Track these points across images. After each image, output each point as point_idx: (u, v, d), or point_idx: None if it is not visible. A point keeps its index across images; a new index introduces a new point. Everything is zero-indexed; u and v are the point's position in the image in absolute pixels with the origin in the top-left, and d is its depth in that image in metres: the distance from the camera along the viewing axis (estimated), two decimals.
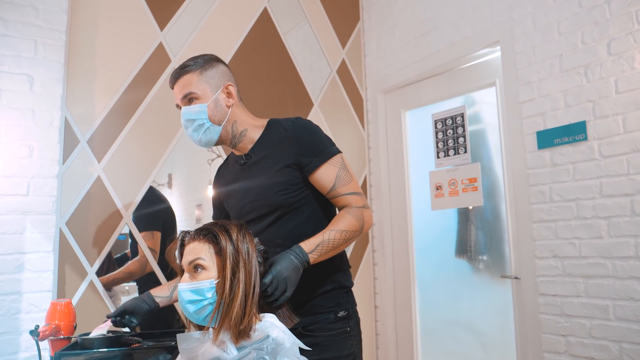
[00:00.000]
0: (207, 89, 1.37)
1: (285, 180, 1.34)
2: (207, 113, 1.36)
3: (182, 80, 1.38)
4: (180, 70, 1.38)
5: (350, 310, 1.38)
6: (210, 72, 1.39)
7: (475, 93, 2.48)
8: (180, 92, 1.37)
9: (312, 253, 1.21)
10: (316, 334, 1.31)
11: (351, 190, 1.35)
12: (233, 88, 1.41)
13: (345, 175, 1.35)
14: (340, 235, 1.27)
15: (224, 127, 1.40)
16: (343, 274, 1.41)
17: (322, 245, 1.23)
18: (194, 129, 1.38)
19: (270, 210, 1.36)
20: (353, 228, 1.30)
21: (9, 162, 1.88)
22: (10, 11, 1.93)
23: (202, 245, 1.05)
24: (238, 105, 1.43)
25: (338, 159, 1.36)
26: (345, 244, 1.29)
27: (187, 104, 1.38)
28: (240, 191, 1.44)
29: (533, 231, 2.04)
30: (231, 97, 1.41)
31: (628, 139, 1.75)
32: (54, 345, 1.43)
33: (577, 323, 1.87)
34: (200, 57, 1.41)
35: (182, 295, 1.04)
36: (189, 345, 1.02)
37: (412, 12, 2.75)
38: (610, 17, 1.81)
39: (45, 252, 1.90)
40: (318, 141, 1.37)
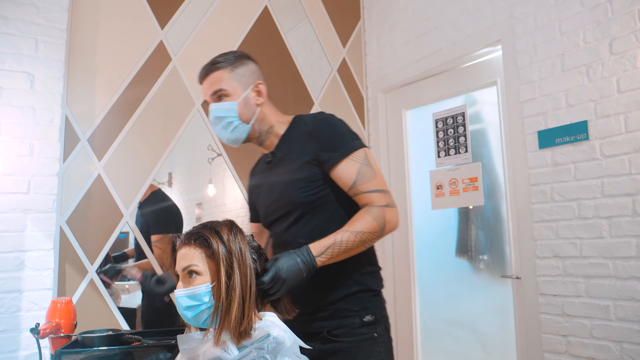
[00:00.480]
0: (237, 87, 1.35)
1: (305, 177, 1.30)
2: (237, 111, 1.34)
3: (212, 77, 1.35)
4: (210, 66, 1.36)
5: (378, 314, 1.30)
6: (241, 69, 1.36)
7: (476, 92, 2.47)
8: (210, 88, 1.35)
9: (321, 256, 1.17)
10: (341, 339, 1.26)
11: (374, 187, 1.26)
12: (263, 87, 1.39)
13: (368, 172, 1.27)
14: (355, 237, 1.20)
15: (252, 125, 1.38)
16: (370, 275, 1.34)
17: (333, 248, 1.18)
18: (223, 127, 1.36)
19: (291, 209, 1.32)
20: (371, 229, 1.22)
21: (10, 160, 1.88)
22: (11, 9, 1.93)
23: (194, 251, 1.03)
24: (267, 104, 1.41)
25: (361, 154, 1.29)
26: (361, 246, 1.23)
27: (217, 100, 1.35)
28: (266, 190, 1.42)
29: (534, 231, 2.04)
30: (261, 96, 1.39)
31: (630, 138, 1.74)
32: (55, 343, 1.43)
33: (577, 323, 1.87)
34: (230, 54, 1.38)
35: (179, 301, 1.03)
36: (190, 346, 1.02)
37: (413, 11, 2.75)
38: (612, 16, 1.81)
39: (45, 250, 1.90)
40: (339, 135, 1.31)
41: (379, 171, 1.30)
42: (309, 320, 1.30)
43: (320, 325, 1.28)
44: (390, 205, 1.27)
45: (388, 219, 1.25)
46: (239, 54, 1.40)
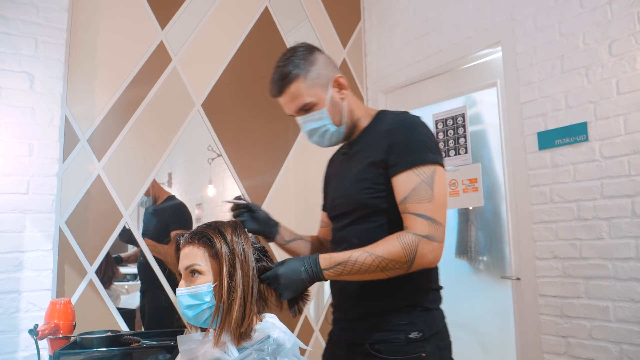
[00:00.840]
0: (319, 92, 1.23)
1: (371, 178, 1.21)
2: (329, 117, 1.25)
3: (290, 92, 1.23)
4: (282, 81, 1.22)
5: (427, 331, 1.17)
6: (314, 71, 1.23)
7: (476, 93, 2.47)
8: (293, 106, 1.25)
9: (329, 270, 1.09)
10: (384, 355, 1.16)
11: (422, 211, 1.11)
12: (342, 78, 1.27)
13: (425, 192, 1.12)
14: (373, 261, 1.09)
15: (345, 122, 1.29)
16: (423, 292, 1.21)
17: (344, 265, 1.09)
18: (320, 136, 1.28)
19: (353, 208, 1.25)
20: (395, 257, 1.09)
21: (9, 160, 1.87)
22: (11, 9, 1.93)
23: (197, 250, 1.03)
24: (349, 94, 1.30)
25: (427, 171, 1.14)
26: (379, 272, 1.10)
27: (303, 113, 1.25)
28: (336, 182, 1.37)
29: (533, 232, 2.04)
30: (343, 88, 1.28)
31: (629, 140, 1.75)
32: (53, 344, 1.43)
33: (577, 324, 1.87)
34: (294, 56, 1.23)
35: (180, 300, 1.03)
36: (190, 347, 1.02)
37: (413, 12, 2.75)
38: (611, 18, 1.81)
39: (44, 251, 1.90)
40: (414, 142, 1.17)
41: (440, 197, 1.14)
42: (351, 329, 1.25)
43: (362, 336, 1.20)
44: (432, 238, 1.11)
45: (421, 251, 1.09)
46: (303, 52, 1.25)
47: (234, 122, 2.53)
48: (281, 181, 2.64)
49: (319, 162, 2.78)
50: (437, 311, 1.24)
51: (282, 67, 1.23)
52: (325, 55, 1.29)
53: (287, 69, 1.22)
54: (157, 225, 2.26)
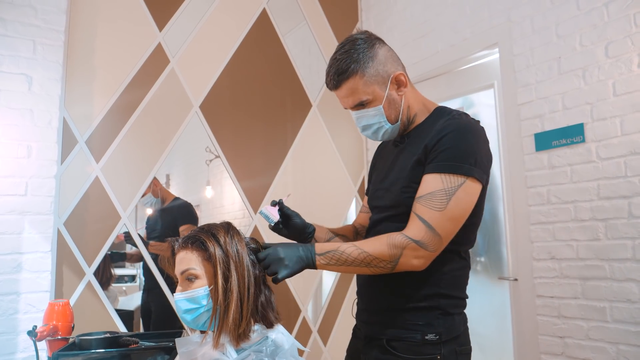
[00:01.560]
0: (376, 89, 1.19)
1: (412, 177, 1.18)
2: (384, 115, 1.21)
3: (346, 87, 1.19)
4: (339, 76, 1.19)
5: (445, 335, 1.15)
6: (373, 66, 1.18)
7: (473, 95, 2.48)
8: (350, 101, 1.22)
9: (321, 256, 1.10)
10: (399, 353, 1.15)
11: (427, 217, 1.09)
12: (403, 76, 1.22)
13: (441, 200, 1.09)
14: (358, 255, 1.09)
15: (401, 119, 1.24)
16: (448, 299, 1.19)
17: (332, 255, 1.10)
18: (373, 132, 1.25)
19: (392, 205, 1.22)
20: (378, 255, 1.09)
21: (7, 162, 1.87)
22: (9, 11, 1.93)
23: (191, 254, 1.04)
24: (409, 89, 1.25)
25: (456, 181, 1.10)
26: (364, 267, 1.10)
27: (359, 108, 1.22)
28: (381, 174, 1.34)
29: (531, 233, 2.05)
30: (403, 86, 1.23)
31: (626, 141, 1.75)
32: (52, 345, 1.43)
33: (574, 325, 1.88)
34: (353, 49, 1.18)
35: (178, 305, 1.03)
36: (188, 349, 1.02)
37: (411, 14, 2.76)
38: (608, 19, 1.82)
39: (43, 253, 1.90)
40: (457, 149, 1.12)
41: (454, 210, 1.09)
42: (371, 322, 1.25)
43: (381, 331, 1.19)
44: (423, 245, 1.08)
45: (407, 255, 1.08)
46: (363, 46, 1.19)
47: (232, 124, 2.53)
48: (279, 182, 2.64)
49: (317, 164, 2.79)
50: (459, 316, 1.22)
51: (340, 61, 1.18)
52: (386, 48, 1.23)
53: (344, 64, 1.17)
54: (165, 225, 2.32)
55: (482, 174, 1.13)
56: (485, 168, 1.15)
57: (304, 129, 2.78)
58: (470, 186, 1.11)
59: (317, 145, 2.84)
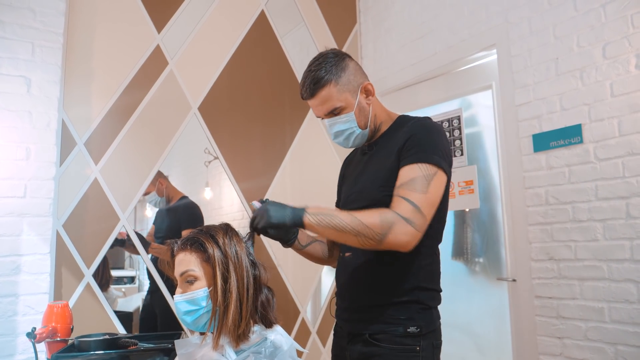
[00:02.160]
0: (348, 97, 1.29)
1: (387, 177, 1.26)
2: (356, 121, 1.31)
3: (320, 96, 1.28)
4: (314, 85, 1.28)
5: (424, 328, 1.23)
6: (345, 76, 1.29)
7: (471, 96, 2.49)
8: (322, 108, 1.30)
9: (311, 216, 1.13)
10: (382, 344, 1.23)
11: (412, 198, 1.15)
12: (370, 86, 1.33)
13: (421, 185, 1.17)
14: (351, 222, 1.12)
15: (369, 126, 1.35)
16: (426, 292, 1.27)
17: (324, 216, 1.14)
18: (345, 138, 1.34)
19: (368, 204, 1.25)
20: (370, 225, 1.12)
21: (6, 164, 1.88)
22: (8, 13, 1.94)
23: (190, 256, 1.04)
24: (374, 100, 1.36)
25: (430, 170, 1.19)
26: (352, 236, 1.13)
27: (332, 115, 1.31)
28: (353, 179, 1.42)
29: (529, 234, 2.05)
30: (371, 95, 1.34)
31: (623, 142, 1.76)
32: (51, 347, 1.43)
33: (572, 325, 1.88)
34: (326, 62, 1.28)
35: (178, 307, 1.03)
36: (188, 350, 1.02)
37: (409, 15, 2.76)
38: (605, 20, 1.83)
39: (42, 255, 1.90)
40: (427, 143, 1.23)
41: (433, 195, 1.18)
42: (353, 320, 1.31)
43: (364, 327, 1.26)
44: (411, 222, 1.13)
45: (395, 230, 1.12)
46: (336, 59, 1.30)
47: (230, 125, 2.54)
48: (278, 184, 2.64)
49: (316, 165, 2.80)
50: (435, 310, 1.30)
51: (315, 72, 1.28)
52: (354, 62, 1.34)
53: (319, 74, 1.27)
54: (170, 225, 2.31)
55: (448, 168, 1.24)
56: (449, 162, 1.25)
57: (303, 131, 2.79)
58: (441, 176, 1.21)
59: (316, 146, 2.84)
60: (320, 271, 2.74)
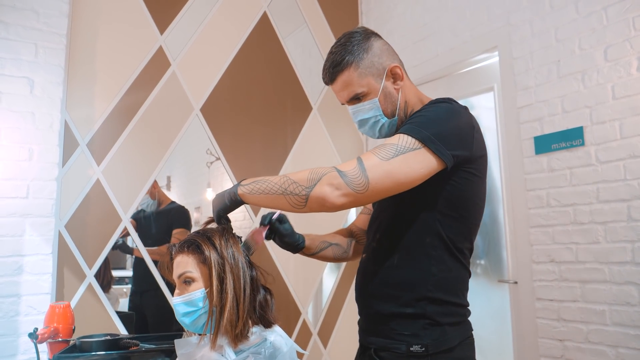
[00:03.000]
0: (371, 81, 1.16)
1: None
2: (381, 108, 1.18)
3: (341, 80, 1.18)
4: (333, 68, 1.17)
5: (432, 348, 1.07)
6: (367, 59, 1.16)
7: (473, 98, 2.49)
8: (345, 94, 1.20)
9: (243, 186, 1.08)
10: None
11: (364, 158, 1.02)
12: (398, 69, 1.19)
13: (386, 152, 1.02)
14: (279, 180, 1.03)
15: (398, 114, 1.20)
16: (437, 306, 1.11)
17: (255, 183, 1.06)
18: (370, 127, 1.22)
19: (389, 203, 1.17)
20: (297, 180, 1.01)
21: (9, 164, 1.88)
22: (11, 14, 1.95)
23: (188, 258, 1.05)
24: (406, 84, 1.22)
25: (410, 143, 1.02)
26: (280, 196, 1.02)
27: (355, 102, 1.20)
28: None
29: (530, 236, 2.05)
30: (399, 79, 1.20)
31: (625, 144, 1.76)
32: (53, 347, 1.43)
33: (574, 328, 1.88)
34: (349, 42, 1.17)
35: (176, 308, 1.04)
36: (188, 350, 1.03)
37: (411, 17, 2.76)
38: (607, 23, 1.83)
39: (44, 255, 1.91)
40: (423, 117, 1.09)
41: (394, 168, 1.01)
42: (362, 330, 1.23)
43: (371, 340, 1.16)
44: (345, 176, 0.99)
45: (324, 180, 0.99)
46: (358, 39, 1.17)
47: (232, 127, 2.54)
48: None
49: (318, 166, 2.79)
50: (452, 327, 1.12)
51: (335, 54, 1.17)
52: (382, 42, 1.21)
53: (339, 57, 1.16)
54: (160, 229, 2.31)
55: (444, 151, 1.03)
56: (452, 146, 1.05)
57: (305, 132, 2.79)
58: (424, 155, 1.02)
59: (318, 148, 2.85)
60: (322, 272, 2.74)
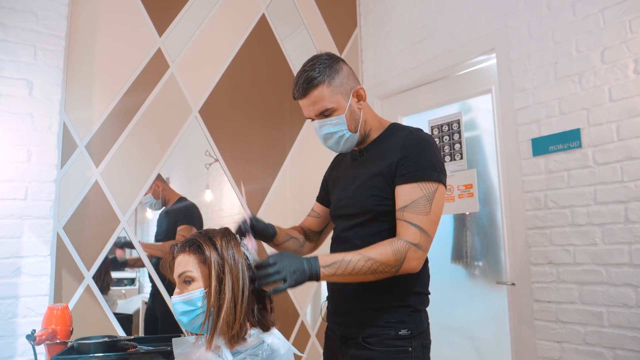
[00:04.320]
0: (340, 99, 1.30)
1: (380, 186, 1.30)
2: (346, 123, 1.31)
3: (313, 96, 1.29)
4: (307, 84, 1.28)
5: (415, 330, 1.28)
6: (338, 79, 1.30)
7: (471, 100, 2.50)
8: (315, 109, 1.31)
9: (326, 268, 1.15)
10: (374, 347, 1.26)
11: (417, 222, 1.21)
12: (363, 90, 1.34)
13: (424, 206, 1.22)
14: (365, 263, 1.16)
15: (359, 130, 1.36)
16: (416, 296, 1.31)
17: (338, 265, 1.15)
18: (335, 142, 1.35)
19: (359, 212, 1.33)
20: (385, 261, 1.17)
21: (7, 166, 1.89)
22: (10, 17, 1.95)
23: (189, 257, 1.06)
24: (365, 105, 1.38)
25: (431, 188, 1.23)
26: (370, 275, 1.18)
27: (322, 117, 1.32)
28: (343, 184, 1.44)
29: (528, 237, 2.06)
30: (362, 100, 1.35)
31: (622, 146, 1.77)
32: (51, 349, 1.43)
33: (571, 329, 1.88)
34: (320, 63, 1.30)
35: (175, 307, 1.05)
36: (184, 350, 1.03)
37: (409, 19, 2.77)
38: (604, 26, 1.84)
39: (42, 257, 1.91)
40: (423, 160, 1.26)
41: (435, 213, 1.24)
42: (346, 323, 1.34)
43: (357, 331, 1.29)
44: (420, 247, 1.20)
45: (409, 257, 1.19)
46: (330, 61, 1.31)
47: (231, 128, 2.55)
48: (278, 186, 2.65)
49: (316, 168, 2.80)
50: (424, 313, 1.34)
51: (309, 72, 1.28)
52: (348, 66, 1.36)
53: (313, 74, 1.28)
54: (168, 226, 2.31)
55: (444, 178, 1.28)
56: (444, 173, 1.29)
57: (303, 134, 2.79)
58: (442, 190, 1.26)
59: (316, 150, 2.85)
60: None
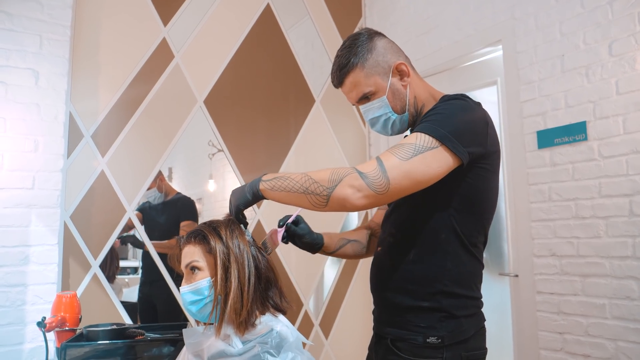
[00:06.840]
0: (378, 80, 1.19)
1: None
2: (390, 106, 1.20)
3: (349, 82, 1.20)
4: (340, 71, 1.20)
5: (447, 339, 1.09)
6: (372, 58, 1.18)
7: (476, 91, 2.49)
8: (354, 95, 1.22)
9: (265, 182, 1.08)
10: (402, 354, 1.12)
11: (384, 159, 1.02)
12: (404, 65, 1.20)
13: (405, 152, 1.02)
14: (301, 179, 1.04)
15: (409, 110, 1.22)
16: (452, 299, 1.12)
17: (277, 180, 1.07)
18: (382, 126, 1.23)
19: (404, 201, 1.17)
20: (318, 179, 1.02)
21: (15, 156, 1.90)
22: (16, 6, 1.95)
23: (195, 248, 1.08)
24: (414, 79, 1.23)
25: (428, 142, 1.03)
26: (302, 195, 1.03)
27: (364, 102, 1.22)
28: None
29: (532, 230, 2.07)
30: (405, 75, 1.21)
31: (628, 140, 1.77)
32: (60, 336, 1.46)
33: (573, 321, 1.90)
34: (353, 44, 1.19)
35: (184, 297, 1.07)
36: (195, 340, 1.05)
37: (414, 10, 2.76)
38: (612, 18, 1.83)
39: (50, 245, 1.93)
40: (439, 114, 1.09)
41: (413, 167, 1.01)
42: (377, 320, 1.25)
43: (387, 330, 1.18)
44: (366, 177, 0.99)
45: (345, 182, 0.99)
46: (362, 39, 1.20)
47: (235, 118, 2.55)
48: None
49: (320, 159, 2.81)
50: (467, 319, 1.14)
51: (340, 57, 1.20)
52: (386, 40, 1.23)
53: (344, 59, 1.19)
54: (168, 220, 2.34)
55: (461, 149, 1.04)
56: (467, 143, 1.06)
57: (307, 124, 2.80)
58: (442, 154, 1.03)
59: (320, 140, 2.86)
60: (323, 265, 2.76)
